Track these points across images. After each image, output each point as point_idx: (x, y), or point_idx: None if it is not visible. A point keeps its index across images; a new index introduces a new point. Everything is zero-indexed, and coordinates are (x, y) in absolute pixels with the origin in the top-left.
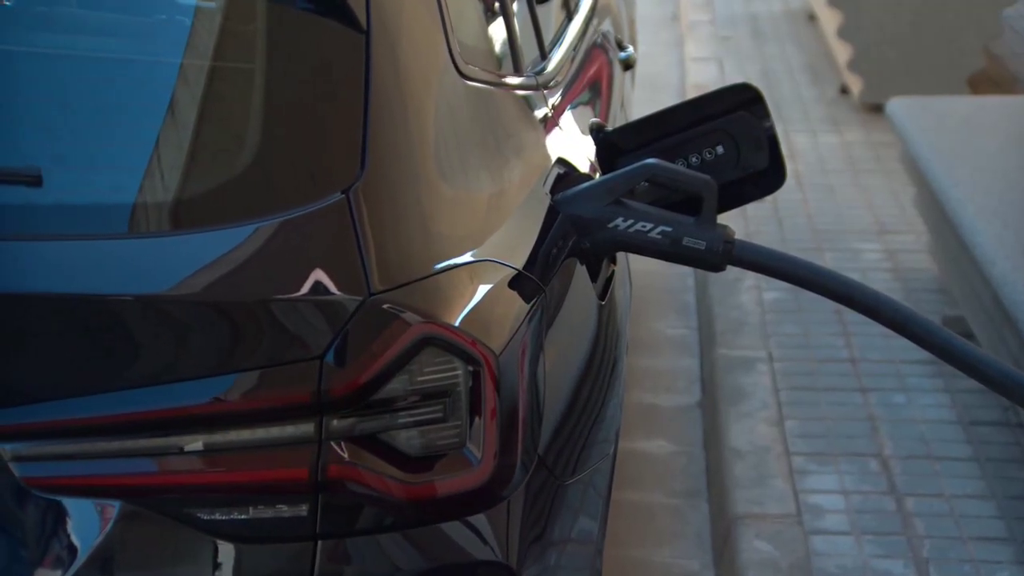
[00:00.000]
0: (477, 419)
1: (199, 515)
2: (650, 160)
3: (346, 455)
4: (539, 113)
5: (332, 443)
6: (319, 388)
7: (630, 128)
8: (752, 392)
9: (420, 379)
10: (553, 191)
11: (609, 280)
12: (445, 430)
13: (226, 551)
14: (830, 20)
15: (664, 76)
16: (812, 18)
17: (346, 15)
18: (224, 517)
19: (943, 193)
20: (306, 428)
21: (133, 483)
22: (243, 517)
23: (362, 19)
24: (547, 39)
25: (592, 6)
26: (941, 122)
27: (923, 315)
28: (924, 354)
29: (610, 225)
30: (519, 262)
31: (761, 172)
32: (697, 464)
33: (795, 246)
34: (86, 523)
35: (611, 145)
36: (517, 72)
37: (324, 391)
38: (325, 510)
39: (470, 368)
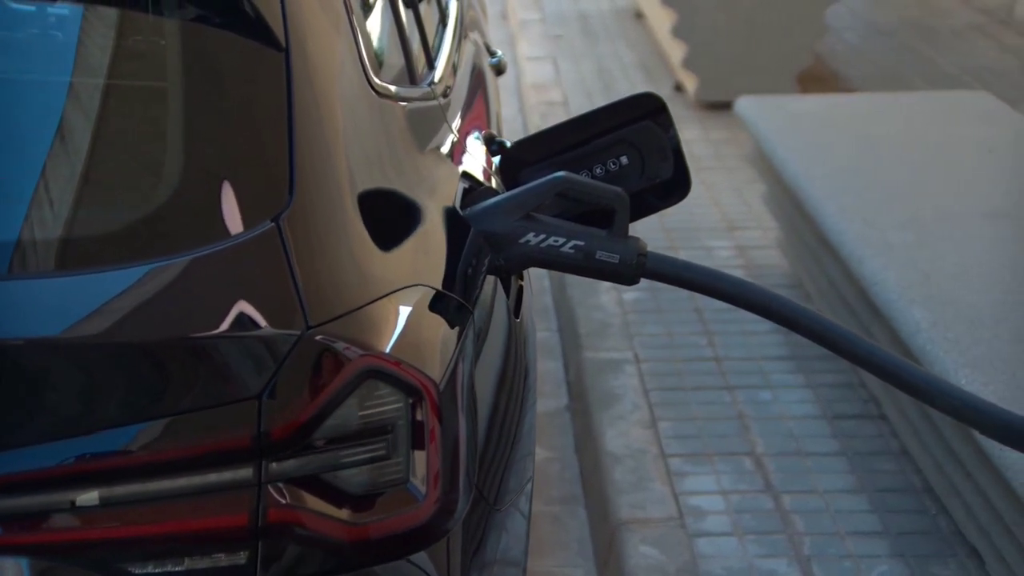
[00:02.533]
0: (420, 452)
1: (131, 570)
2: (560, 173)
3: (287, 498)
4: (441, 125)
5: (272, 486)
6: (258, 430)
7: (532, 140)
8: (622, 394)
9: (362, 414)
10: (463, 206)
11: (519, 296)
12: (389, 466)
13: None
14: (663, 19)
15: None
16: (639, 16)
17: (263, 31)
18: (158, 570)
19: (801, 191)
20: (244, 472)
21: (57, 540)
22: (178, 569)
23: (280, 36)
24: (431, 47)
25: (459, 11)
26: (792, 120)
27: (841, 325)
28: (785, 350)
29: (521, 241)
30: (445, 284)
31: (666, 182)
32: (571, 470)
33: (651, 245)
34: None
35: (514, 158)
36: (413, 83)
37: (263, 433)
38: (266, 558)
39: (411, 400)
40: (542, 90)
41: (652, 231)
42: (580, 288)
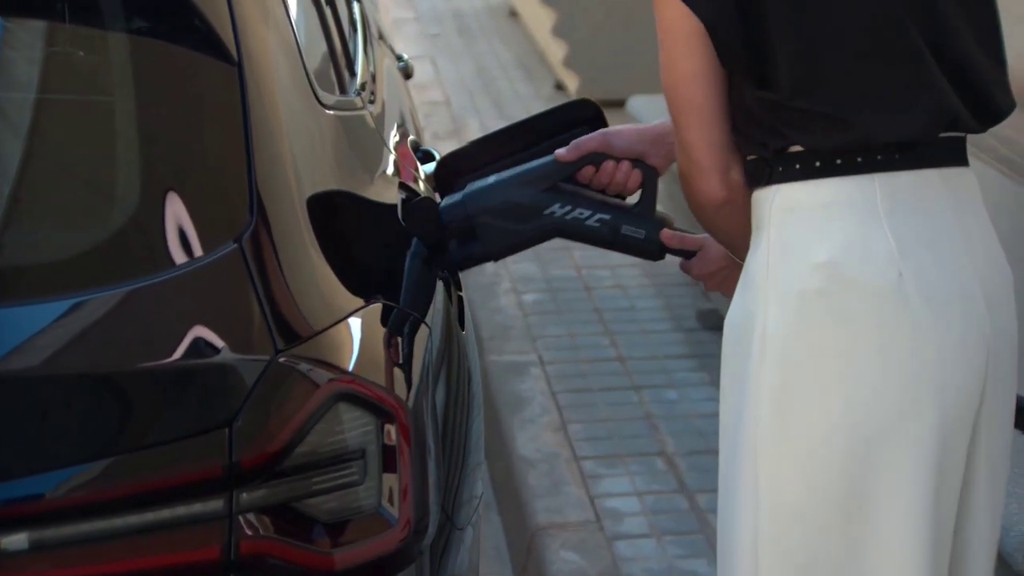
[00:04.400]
0: (391, 475)
1: None
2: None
3: (259, 529)
4: (372, 134)
5: (243, 517)
6: (229, 459)
7: (470, 148)
8: (530, 398)
9: (333, 439)
10: (406, 214)
11: (461, 307)
12: (360, 491)
13: None
14: (542, 18)
15: None
16: (514, 14)
17: (215, 44)
18: None
19: None
20: (215, 504)
21: None
22: None
23: (231, 49)
24: (351, 54)
25: (367, 16)
26: None
27: None
28: (686, 349)
29: (547, 212)
30: (401, 299)
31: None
32: (482, 475)
33: (548, 246)
34: None
35: (450, 166)
36: (343, 92)
37: (234, 463)
38: None
39: (381, 422)
40: (423, 90)
41: None
42: (479, 291)
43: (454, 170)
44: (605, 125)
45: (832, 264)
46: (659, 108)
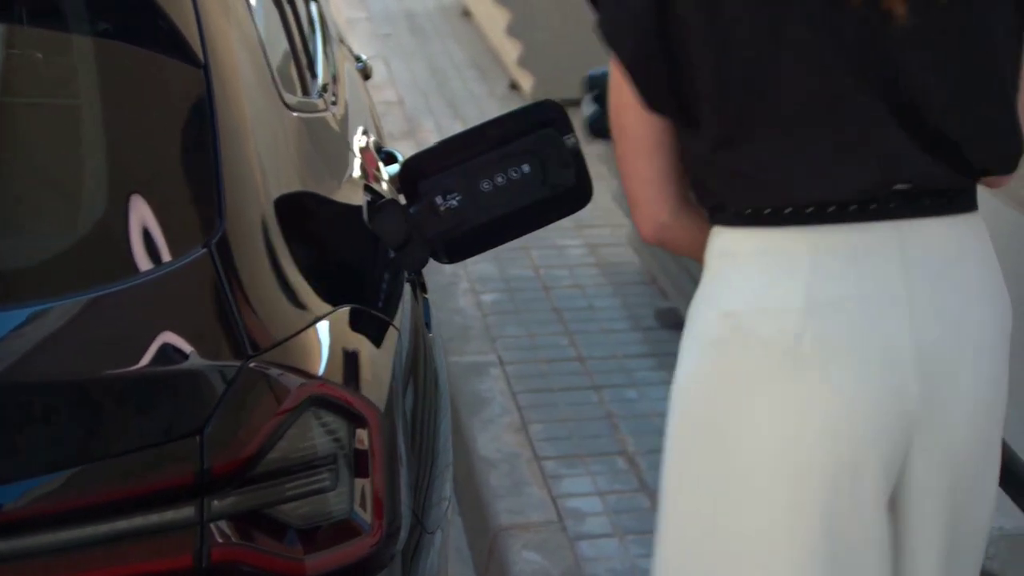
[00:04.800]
0: (363, 481)
1: None
2: None
3: (231, 536)
4: (337, 135)
5: (215, 525)
6: (201, 466)
7: (433, 150)
8: (491, 398)
9: (304, 445)
10: (372, 217)
11: (426, 307)
12: (333, 497)
13: None
14: (496, 17)
15: None
16: (467, 14)
17: (180, 46)
18: None
19: None
20: (186, 511)
21: None
22: None
23: (198, 50)
24: (312, 54)
25: (321, 14)
26: None
27: None
28: (645, 348)
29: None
30: (371, 301)
31: (568, 189)
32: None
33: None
34: None
35: (413, 168)
36: (306, 94)
37: (206, 469)
38: None
39: (353, 427)
40: (376, 90)
41: None
42: (438, 292)
43: (418, 172)
44: (570, 127)
45: (736, 315)
46: None
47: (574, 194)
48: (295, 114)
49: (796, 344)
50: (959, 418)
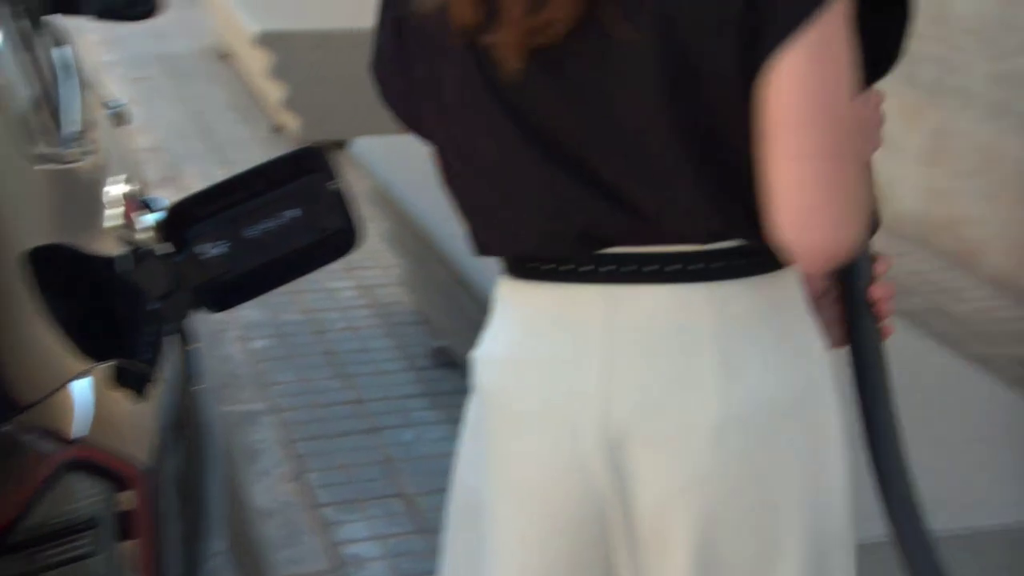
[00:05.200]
0: (128, 544)
1: None
2: None
3: None
4: (94, 183)
5: None
6: None
7: (200, 197)
8: (265, 448)
9: (65, 510)
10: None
11: (193, 360)
12: (95, 563)
13: None
14: (257, 59)
15: None
16: (225, 57)
17: None
18: None
19: (429, 229)
20: None
21: None
22: None
23: None
24: (62, 101)
25: (71, 57)
26: (410, 159)
27: None
28: (419, 388)
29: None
30: (130, 357)
31: (336, 232)
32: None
33: (272, 296)
34: None
35: (180, 214)
36: (56, 143)
37: None
38: None
39: (116, 488)
40: (135, 135)
41: None
42: (205, 340)
43: (185, 217)
44: (332, 172)
45: (476, 360)
46: (383, 150)
47: (343, 237)
48: (42, 166)
49: (504, 398)
50: (644, 509)
